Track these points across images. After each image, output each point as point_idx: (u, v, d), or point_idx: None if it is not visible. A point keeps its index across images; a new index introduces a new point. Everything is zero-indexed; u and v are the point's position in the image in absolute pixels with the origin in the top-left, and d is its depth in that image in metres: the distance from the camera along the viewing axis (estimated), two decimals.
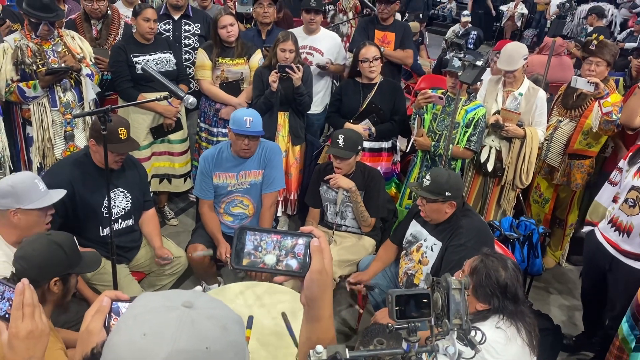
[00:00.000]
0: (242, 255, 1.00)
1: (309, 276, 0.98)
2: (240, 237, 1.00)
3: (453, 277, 1.08)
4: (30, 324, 1.20)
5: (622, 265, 2.77)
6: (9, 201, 2.27)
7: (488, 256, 2.15)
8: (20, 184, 2.30)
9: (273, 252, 1.00)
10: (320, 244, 0.99)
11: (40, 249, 1.89)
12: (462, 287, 1.07)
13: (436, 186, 2.64)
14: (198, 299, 0.79)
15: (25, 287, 1.21)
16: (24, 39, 3.31)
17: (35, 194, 2.34)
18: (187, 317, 0.75)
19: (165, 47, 3.89)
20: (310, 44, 4.24)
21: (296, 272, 1.00)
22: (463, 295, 1.06)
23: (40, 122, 3.41)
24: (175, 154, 4.13)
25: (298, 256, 1.00)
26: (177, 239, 3.89)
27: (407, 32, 4.54)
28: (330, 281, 1.00)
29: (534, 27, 10.88)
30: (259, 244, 1.00)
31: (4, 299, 1.26)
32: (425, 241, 2.80)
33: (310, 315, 1.00)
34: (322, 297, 0.98)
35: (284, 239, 1.01)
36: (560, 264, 4.18)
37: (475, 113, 3.45)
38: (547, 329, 2.96)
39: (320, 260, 0.98)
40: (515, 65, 3.55)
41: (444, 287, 1.06)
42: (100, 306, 1.02)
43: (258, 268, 0.99)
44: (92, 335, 0.98)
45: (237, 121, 3.04)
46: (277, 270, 1.00)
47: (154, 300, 0.78)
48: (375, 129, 3.70)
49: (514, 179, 3.69)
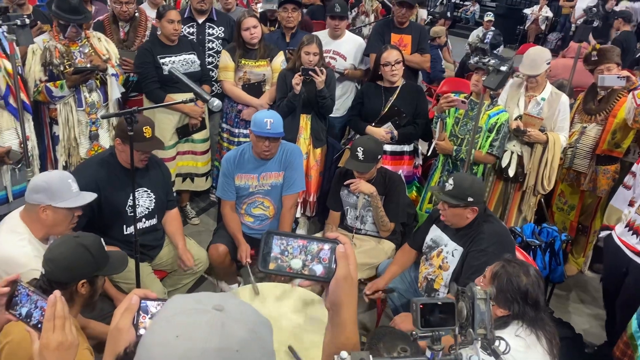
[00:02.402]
0: (269, 260, 1.01)
1: (334, 282, 0.99)
2: (267, 242, 1.02)
3: (477, 286, 1.09)
4: (61, 336, 1.23)
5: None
6: (41, 196, 2.32)
7: (509, 262, 2.14)
8: (55, 182, 2.35)
9: (299, 256, 1.01)
10: (345, 250, 1.00)
11: (67, 251, 1.91)
12: (487, 297, 1.07)
13: (459, 191, 2.63)
14: (228, 302, 0.81)
15: (57, 299, 1.25)
16: (52, 40, 3.39)
17: (68, 193, 2.38)
18: (217, 320, 0.77)
19: (190, 48, 3.94)
20: (334, 48, 4.27)
21: (321, 277, 1.01)
22: (488, 305, 1.06)
23: (66, 122, 3.48)
24: (198, 153, 4.19)
25: (323, 261, 1.01)
26: (199, 237, 3.94)
27: (423, 35, 4.52)
28: (355, 287, 1.01)
29: (558, 31, 10.74)
30: (285, 248, 1.02)
31: (37, 308, 1.29)
32: (446, 246, 2.78)
33: (335, 320, 1.01)
34: (346, 303, 1.00)
35: (309, 244, 1.02)
36: (583, 272, 4.12)
37: (498, 118, 3.42)
38: (568, 338, 2.92)
39: (345, 266, 0.99)
40: (538, 70, 3.52)
41: (469, 297, 1.06)
42: (130, 304, 1.04)
43: (284, 272, 1.01)
44: (121, 332, 1.01)
45: (257, 123, 3.08)
46: (303, 275, 1.01)
47: (186, 303, 0.81)
48: (397, 132, 3.70)
49: (535, 184, 3.65)
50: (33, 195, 2.34)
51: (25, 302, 1.30)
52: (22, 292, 1.30)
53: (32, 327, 1.28)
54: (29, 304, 1.30)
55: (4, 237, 2.31)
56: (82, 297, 1.95)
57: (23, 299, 1.30)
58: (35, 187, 2.34)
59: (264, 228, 3.36)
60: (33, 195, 2.34)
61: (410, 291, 3.05)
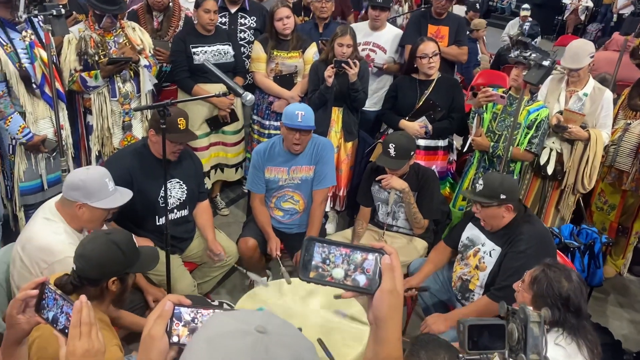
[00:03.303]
0: (310, 268, 0.97)
1: (379, 295, 0.94)
2: (308, 248, 0.97)
3: (530, 307, 1.02)
4: (87, 343, 1.22)
5: None
6: (77, 194, 2.31)
7: (550, 266, 2.06)
8: (91, 181, 2.32)
9: (341, 265, 0.96)
10: (391, 262, 0.94)
11: (98, 249, 1.89)
12: (542, 320, 1.00)
13: (489, 190, 2.55)
14: (270, 322, 0.76)
15: (83, 305, 1.23)
16: (87, 30, 3.40)
17: (104, 192, 2.36)
18: (261, 345, 0.73)
19: (225, 39, 3.91)
20: (374, 40, 4.18)
21: (364, 289, 0.96)
22: (542, 329, 1.00)
23: (100, 112, 3.50)
24: (228, 144, 4.18)
25: (367, 272, 0.96)
26: (228, 229, 3.94)
27: (461, 26, 4.39)
28: (401, 302, 0.95)
29: (598, 22, 10.36)
30: (327, 256, 0.97)
31: (62, 312, 1.28)
32: (484, 246, 2.70)
33: (378, 335, 0.96)
34: (391, 318, 0.94)
35: (353, 253, 0.97)
36: (622, 274, 3.98)
37: (538, 114, 3.30)
38: (607, 344, 2.82)
39: (391, 279, 0.94)
40: (581, 64, 3.38)
41: (522, 319, 1.00)
42: (163, 311, 1.01)
43: (325, 282, 0.96)
44: (154, 340, 0.98)
45: (288, 115, 3.04)
46: (345, 285, 0.96)
47: (228, 324, 0.77)
48: (431, 126, 3.61)
49: (575, 183, 3.53)
50: (70, 192, 2.32)
51: (52, 306, 1.29)
52: (49, 296, 1.30)
53: (59, 331, 1.27)
54: (55, 308, 1.29)
55: (40, 226, 2.32)
56: (113, 293, 1.94)
57: (50, 303, 1.29)
58: (72, 184, 2.32)
59: (293, 222, 3.32)
60: (70, 192, 2.32)
61: (443, 291, 2.98)
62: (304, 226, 3.29)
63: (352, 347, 2.31)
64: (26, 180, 3.29)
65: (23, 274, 2.29)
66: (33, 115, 3.19)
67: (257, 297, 2.63)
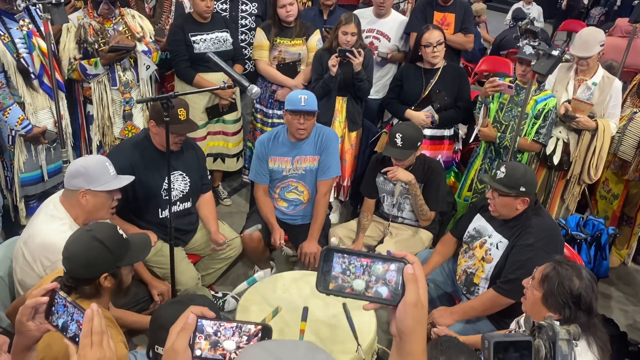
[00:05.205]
0: (329, 279, 0.93)
1: (403, 308, 0.90)
2: (327, 259, 0.93)
3: (557, 322, 0.99)
4: (99, 352, 1.20)
5: None
6: (80, 181, 2.31)
7: (561, 264, 2.03)
8: (92, 165, 2.34)
9: (362, 277, 0.93)
10: (415, 272, 0.91)
11: (82, 247, 1.85)
12: (571, 337, 0.97)
13: (511, 180, 2.51)
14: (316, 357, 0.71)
15: (95, 314, 1.21)
16: (86, 17, 3.33)
17: (105, 176, 2.37)
18: None
19: (222, 25, 3.83)
20: (378, 27, 4.10)
21: (387, 301, 0.92)
22: (571, 347, 0.97)
23: (100, 101, 3.45)
24: (229, 134, 4.12)
25: (389, 283, 0.92)
26: (231, 219, 3.92)
27: (468, 13, 4.31)
28: (425, 314, 0.92)
29: (602, 5, 10.20)
30: (347, 267, 0.93)
31: (73, 320, 1.26)
32: (490, 237, 2.67)
33: (402, 348, 0.93)
34: (416, 331, 0.91)
35: (374, 263, 0.93)
36: (626, 264, 3.97)
37: (545, 104, 3.25)
38: (613, 336, 2.80)
39: (415, 290, 0.90)
40: (591, 52, 3.32)
41: (549, 336, 0.97)
42: (186, 323, 0.99)
43: (345, 294, 0.93)
44: (177, 354, 0.96)
45: (291, 100, 3.01)
46: (367, 297, 0.93)
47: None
48: (437, 116, 3.56)
49: (581, 173, 3.49)
50: (71, 181, 2.32)
51: (62, 314, 1.27)
52: (59, 303, 1.27)
53: (69, 339, 1.24)
54: (66, 315, 1.26)
55: (44, 224, 2.30)
56: (109, 289, 1.91)
57: (60, 310, 1.27)
58: (74, 172, 2.33)
59: (298, 213, 3.29)
60: (71, 181, 2.32)
61: (448, 283, 2.97)
62: (308, 217, 3.26)
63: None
64: (26, 171, 3.25)
65: (26, 270, 2.26)
66: (32, 106, 3.14)
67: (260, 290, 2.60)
